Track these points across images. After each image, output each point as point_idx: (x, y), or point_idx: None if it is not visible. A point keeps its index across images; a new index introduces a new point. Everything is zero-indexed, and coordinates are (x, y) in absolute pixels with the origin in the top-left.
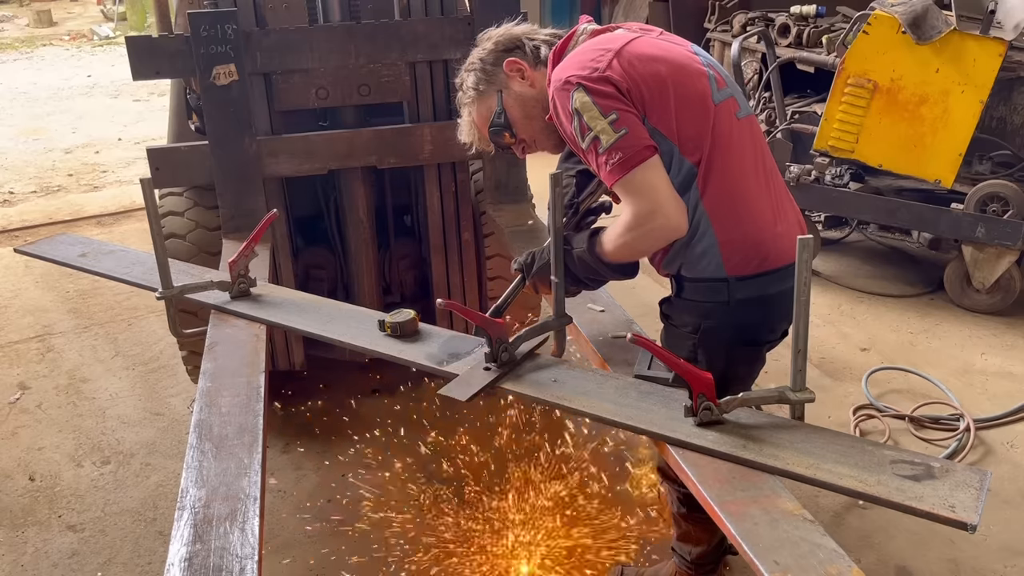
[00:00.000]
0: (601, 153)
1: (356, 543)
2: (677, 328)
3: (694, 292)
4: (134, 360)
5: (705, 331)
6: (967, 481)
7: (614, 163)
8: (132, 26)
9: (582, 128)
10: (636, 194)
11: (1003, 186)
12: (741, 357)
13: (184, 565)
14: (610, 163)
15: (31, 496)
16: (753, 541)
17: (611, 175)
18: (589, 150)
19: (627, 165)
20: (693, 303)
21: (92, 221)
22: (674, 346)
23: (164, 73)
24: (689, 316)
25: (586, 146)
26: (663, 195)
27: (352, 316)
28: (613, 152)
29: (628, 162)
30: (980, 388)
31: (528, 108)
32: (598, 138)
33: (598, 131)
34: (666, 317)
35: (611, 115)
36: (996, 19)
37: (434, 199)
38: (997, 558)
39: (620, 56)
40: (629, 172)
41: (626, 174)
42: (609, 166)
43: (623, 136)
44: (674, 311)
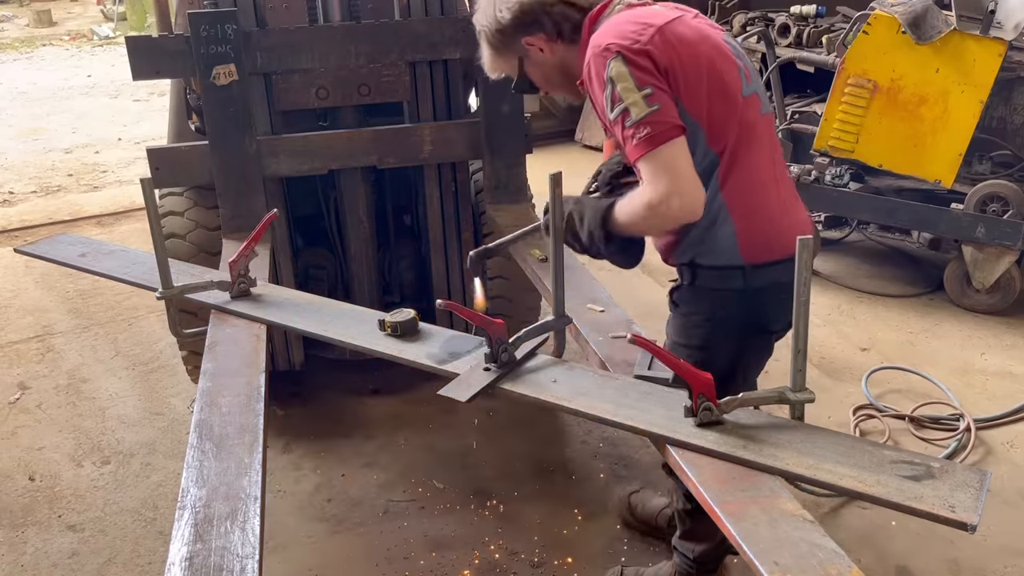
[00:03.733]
0: (629, 126)
1: (356, 543)
2: (689, 316)
3: (710, 280)
4: (134, 360)
5: (719, 319)
6: (967, 481)
7: (641, 137)
8: (132, 26)
9: (614, 98)
10: (658, 172)
11: (1003, 186)
12: (752, 345)
13: (185, 564)
14: (637, 137)
15: (31, 496)
16: (753, 541)
17: (636, 149)
18: (617, 121)
19: (654, 141)
20: (708, 291)
21: (92, 221)
22: (686, 334)
23: (164, 73)
24: (703, 304)
25: (614, 116)
26: (685, 177)
27: (352, 316)
28: (641, 126)
29: (655, 139)
30: (980, 388)
31: (549, 74)
32: (628, 110)
33: (629, 103)
34: (675, 305)
35: (645, 89)
36: (996, 19)
37: (434, 199)
38: (997, 558)
39: (662, 33)
40: (655, 149)
41: (651, 150)
42: (635, 140)
43: (654, 112)
44: (687, 299)
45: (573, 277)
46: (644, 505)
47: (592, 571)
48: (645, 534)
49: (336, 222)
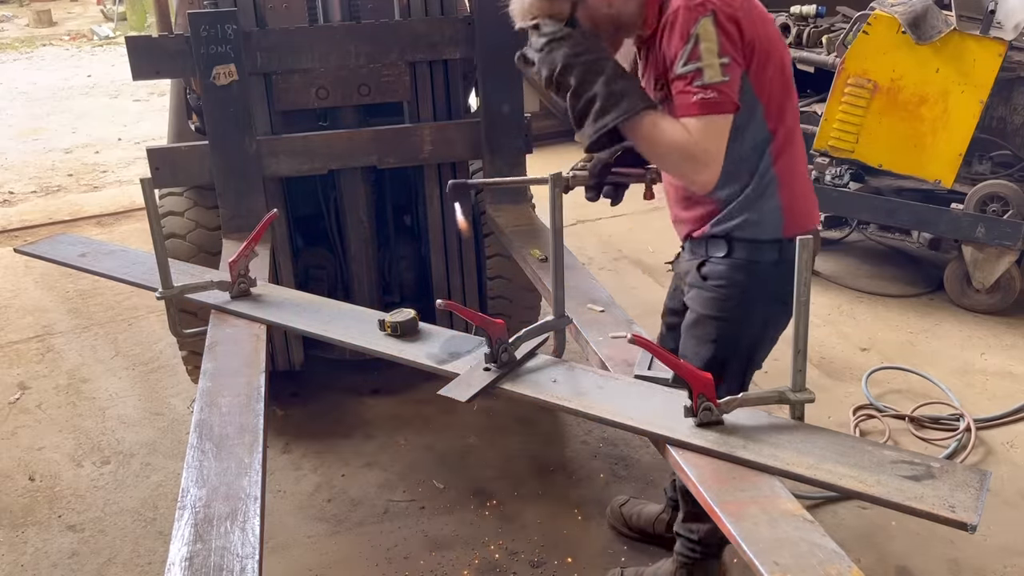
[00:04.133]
0: (695, 84)
1: (356, 543)
2: (722, 289)
3: (748, 252)
4: (134, 360)
5: (754, 291)
6: (967, 481)
7: (705, 98)
8: (132, 26)
9: (692, 54)
10: (703, 136)
11: (1003, 186)
12: (778, 319)
13: (185, 564)
14: (699, 96)
15: (31, 496)
16: (753, 541)
17: (694, 106)
18: (684, 75)
19: (713, 108)
20: (745, 263)
21: (92, 221)
22: (717, 307)
23: (164, 73)
24: (738, 276)
25: (683, 70)
26: (718, 153)
27: (352, 316)
28: (709, 90)
29: (716, 106)
30: (980, 388)
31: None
32: (702, 70)
33: (706, 64)
34: (704, 279)
35: (724, 58)
36: (996, 19)
37: (434, 199)
38: (997, 558)
39: (751, 6)
40: (711, 114)
41: (707, 114)
42: (697, 98)
43: (724, 82)
44: (720, 273)
45: (573, 277)
46: (639, 515)
47: (592, 571)
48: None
49: (336, 222)
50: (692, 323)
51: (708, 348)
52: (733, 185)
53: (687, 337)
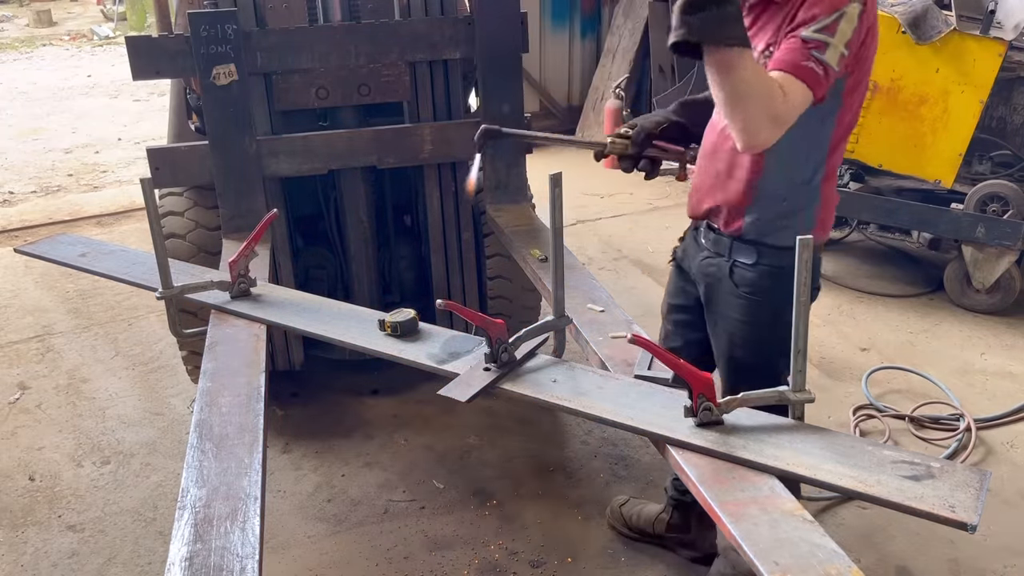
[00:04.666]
0: (813, 53)
1: (356, 543)
2: (754, 296)
3: (776, 259)
4: (134, 360)
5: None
6: (967, 481)
7: (809, 67)
8: (132, 26)
9: (830, 27)
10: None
11: (1003, 186)
12: None
13: (185, 564)
14: (806, 63)
15: (31, 496)
16: (753, 541)
17: (799, 68)
18: (808, 40)
19: (811, 79)
20: (774, 269)
21: (92, 221)
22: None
23: (164, 73)
24: (767, 282)
25: (809, 35)
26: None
27: (352, 316)
28: (819, 64)
29: (814, 80)
30: (980, 388)
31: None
32: (825, 45)
33: (833, 43)
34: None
35: (846, 51)
36: (996, 19)
37: (434, 199)
38: (997, 558)
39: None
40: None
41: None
42: (807, 64)
43: (832, 70)
44: (752, 280)
45: (573, 277)
46: (639, 515)
47: (592, 571)
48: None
49: (336, 222)
50: (725, 328)
51: (742, 351)
52: (782, 185)
53: (721, 340)
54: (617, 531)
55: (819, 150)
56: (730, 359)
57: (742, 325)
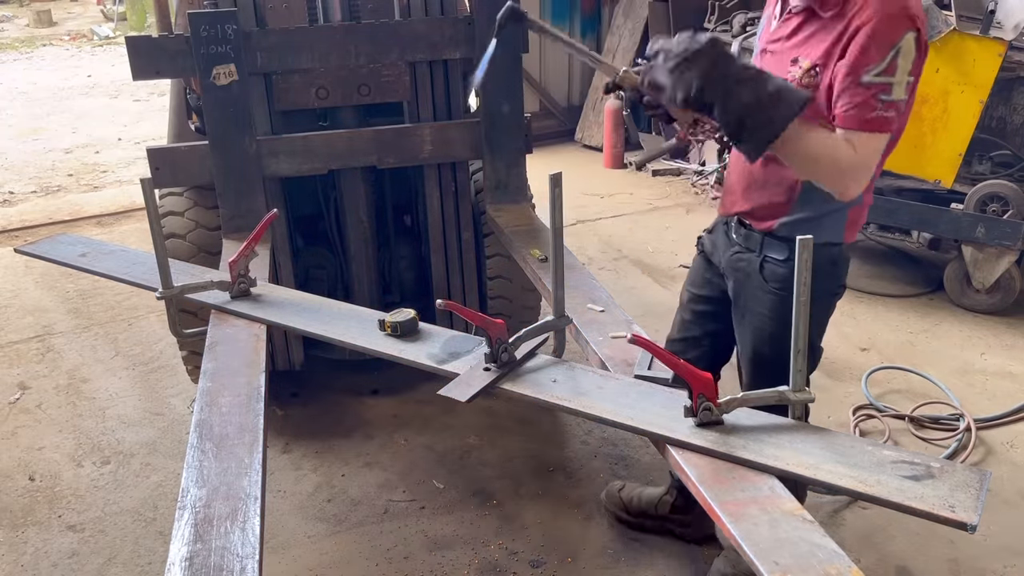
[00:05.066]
0: (880, 98)
1: (356, 543)
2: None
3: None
4: (134, 360)
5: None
6: (967, 481)
7: (883, 116)
8: (132, 26)
9: (889, 67)
10: (864, 151)
11: (1003, 186)
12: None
13: (185, 564)
14: (879, 113)
15: (31, 496)
16: (753, 541)
17: (872, 122)
18: (868, 85)
19: (886, 126)
20: None
21: (92, 221)
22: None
23: (164, 73)
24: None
25: (871, 80)
26: (872, 170)
27: (352, 316)
28: (888, 107)
29: (888, 124)
30: (980, 388)
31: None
32: (892, 86)
33: (896, 81)
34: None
35: (910, 77)
36: (996, 19)
37: (434, 199)
38: (997, 558)
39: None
40: (879, 133)
41: (876, 132)
42: (876, 115)
43: (903, 102)
44: (781, 276)
45: (573, 277)
46: (639, 497)
47: (592, 571)
48: (641, 528)
49: (336, 222)
50: (753, 323)
51: (768, 347)
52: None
53: (748, 335)
54: (615, 516)
55: None
56: (755, 354)
57: (770, 321)
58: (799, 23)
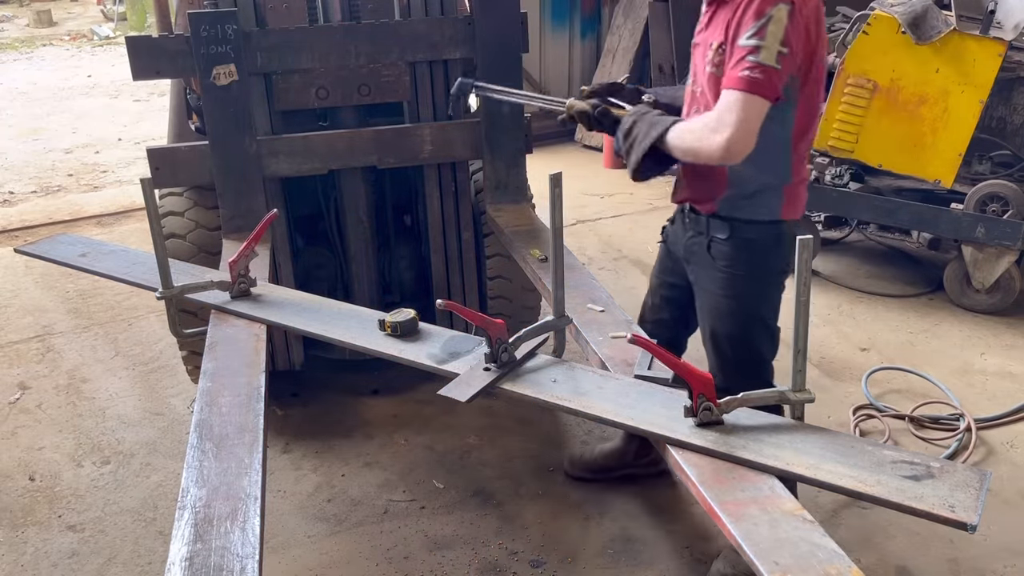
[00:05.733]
0: (748, 59)
1: (356, 543)
2: (730, 269)
3: (749, 233)
4: (134, 360)
5: (761, 268)
6: (967, 481)
7: (750, 76)
8: (132, 26)
9: (759, 31)
10: (739, 114)
11: (1003, 186)
12: (779, 285)
13: (185, 564)
14: (747, 72)
15: (31, 496)
16: (753, 541)
17: (740, 81)
18: (743, 47)
19: (756, 88)
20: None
21: (92, 221)
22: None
23: (164, 73)
24: (743, 254)
25: (745, 43)
26: (753, 132)
27: (352, 316)
28: (757, 69)
29: (760, 87)
30: (980, 388)
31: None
32: (760, 48)
33: (766, 46)
34: (713, 259)
35: (784, 48)
36: (996, 19)
37: (434, 199)
38: (997, 558)
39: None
40: (752, 94)
41: (749, 93)
42: (744, 72)
43: (775, 69)
44: (727, 254)
45: (573, 277)
46: (601, 454)
47: (592, 571)
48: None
49: (336, 222)
50: (708, 303)
51: (726, 323)
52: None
53: (705, 315)
54: (584, 480)
55: (784, 141)
56: (712, 332)
57: (722, 298)
58: (712, 12)
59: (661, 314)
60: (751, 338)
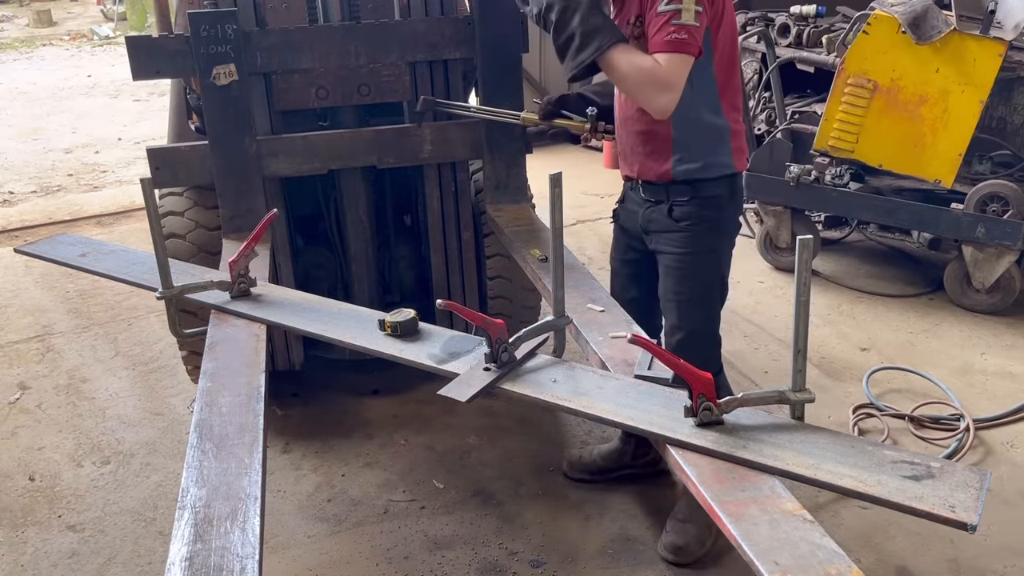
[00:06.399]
0: (670, 23)
1: (356, 543)
2: (693, 227)
3: (709, 189)
4: (134, 360)
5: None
6: (967, 481)
7: (675, 37)
8: (132, 26)
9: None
10: (669, 70)
11: (1003, 186)
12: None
13: (185, 564)
14: (671, 35)
15: (31, 496)
16: (753, 541)
17: (667, 44)
18: (663, 13)
19: (681, 47)
20: (708, 199)
21: (92, 221)
22: (693, 243)
23: (164, 73)
24: (706, 212)
25: (663, 9)
26: (680, 82)
27: (352, 316)
28: (681, 30)
29: (683, 46)
30: (980, 388)
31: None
32: (680, 11)
33: (684, 7)
34: (676, 221)
35: (699, 7)
36: (996, 19)
37: (434, 199)
38: (997, 558)
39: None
40: (678, 53)
41: (675, 53)
42: (670, 36)
43: (694, 27)
44: (689, 213)
45: (573, 277)
46: (600, 455)
47: (592, 571)
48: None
49: (336, 222)
50: (672, 264)
51: (689, 284)
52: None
53: (667, 279)
54: (584, 482)
55: (710, 91)
56: (671, 292)
57: (681, 257)
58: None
59: (630, 293)
60: (711, 292)
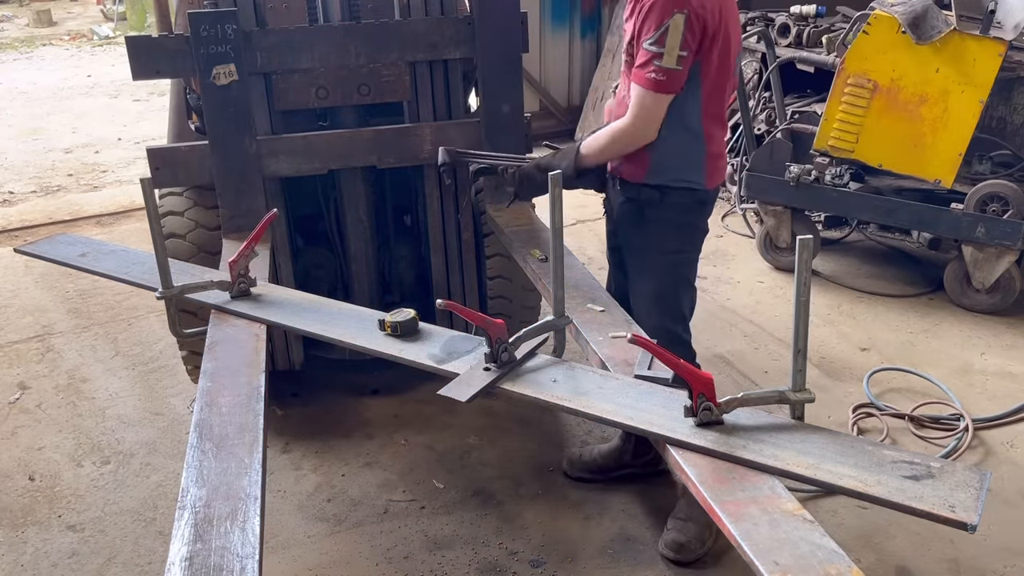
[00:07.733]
0: (651, 63)
1: (356, 543)
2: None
3: (677, 197)
4: (134, 360)
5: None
6: (967, 481)
7: (654, 78)
8: (132, 26)
9: (659, 40)
10: (647, 111)
11: (1003, 186)
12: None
13: (185, 564)
14: (651, 75)
15: (31, 496)
16: (753, 541)
17: (646, 81)
18: (647, 51)
19: (660, 88)
20: (676, 205)
21: (92, 221)
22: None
23: (164, 73)
24: (671, 213)
25: (647, 47)
26: (656, 121)
27: (352, 316)
28: (661, 72)
29: (663, 87)
30: (980, 388)
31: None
32: (662, 55)
33: (666, 51)
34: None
35: (683, 52)
36: (996, 19)
37: (434, 199)
38: (997, 558)
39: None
40: (657, 93)
41: (654, 92)
42: (651, 76)
43: (675, 70)
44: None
45: (573, 277)
46: (600, 454)
47: (592, 571)
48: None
49: (336, 222)
50: (640, 264)
51: (656, 282)
52: (667, 143)
53: (636, 276)
54: (584, 481)
55: (693, 116)
56: (638, 288)
57: (651, 254)
58: (629, 11)
59: (618, 279)
60: (676, 293)
